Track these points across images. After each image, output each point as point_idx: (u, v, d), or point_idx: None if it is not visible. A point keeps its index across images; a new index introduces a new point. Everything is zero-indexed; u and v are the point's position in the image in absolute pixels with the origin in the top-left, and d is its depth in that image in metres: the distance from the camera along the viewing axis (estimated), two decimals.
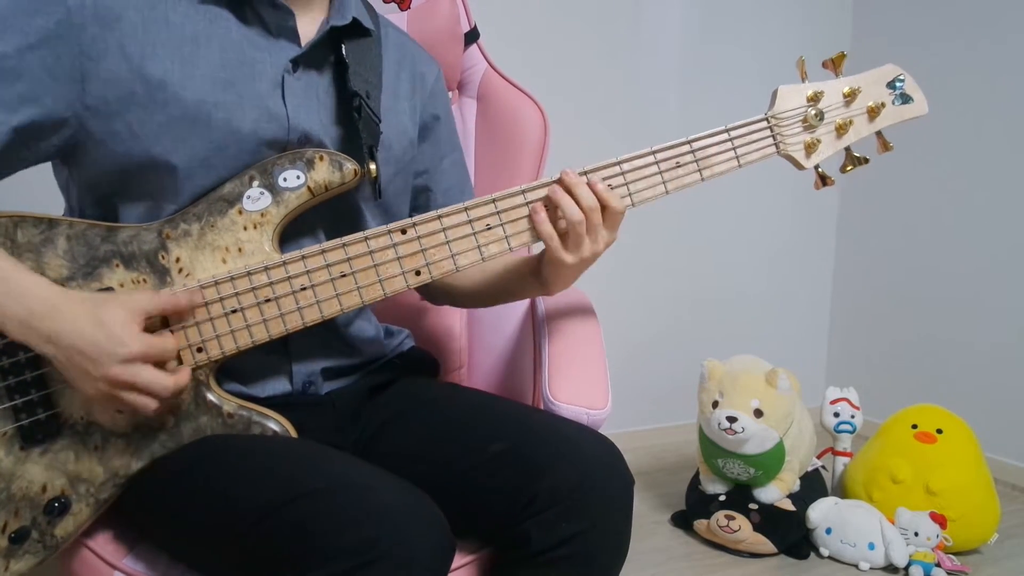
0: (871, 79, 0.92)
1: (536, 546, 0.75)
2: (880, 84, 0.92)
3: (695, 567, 1.67)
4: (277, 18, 0.83)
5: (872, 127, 0.93)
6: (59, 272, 0.76)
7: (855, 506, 1.71)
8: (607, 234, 0.84)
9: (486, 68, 1.27)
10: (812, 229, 2.63)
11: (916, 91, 0.93)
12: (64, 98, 0.75)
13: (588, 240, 0.83)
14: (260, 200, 0.79)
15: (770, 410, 1.65)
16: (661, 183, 0.87)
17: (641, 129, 2.25)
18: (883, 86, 0.93)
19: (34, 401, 0.74)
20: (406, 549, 0.64)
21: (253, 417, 0.79)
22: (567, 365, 0.96)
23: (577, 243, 0.83)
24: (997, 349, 2.17)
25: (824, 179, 0.93)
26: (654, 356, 2.38)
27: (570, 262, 0.84)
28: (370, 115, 0.85)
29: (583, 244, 0.83)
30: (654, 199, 0.87)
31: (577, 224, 0.81)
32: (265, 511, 0.68)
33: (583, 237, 0.82)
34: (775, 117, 0.90)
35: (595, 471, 0.77)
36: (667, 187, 0.87)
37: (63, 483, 0.75)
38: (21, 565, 0.75)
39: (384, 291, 0.81)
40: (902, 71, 0.93)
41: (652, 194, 0.87)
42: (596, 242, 0.84)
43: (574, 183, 0.82)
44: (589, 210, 0.82)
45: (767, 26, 2.43)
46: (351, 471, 0.72)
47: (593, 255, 0.84)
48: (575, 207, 0.82)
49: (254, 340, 0.79)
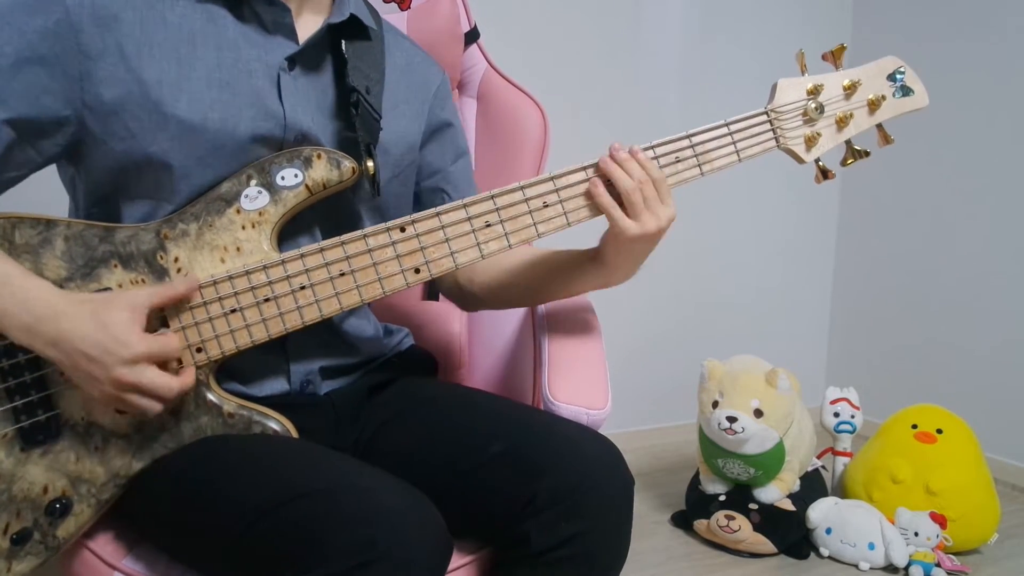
0: (871, 72, 0.92)
1: (536, 546, 0.75)
2: (880, 77, 0.92)
3: (695, 567, 1.67)
4: (274, 15, 0.82)
5: (872, 120, 0.92)
6: (57, 273, 0.76)
7: (855, 506, 1.71)
8: (664, 208, 0.84)
9: (486, 68, 1.27)
10: (812, 229, 2.63)
11: (916, 83, 0.93)
12: (63, 97, 0.75)
13: (647, 212, 0.83)
14: (258, 199, 0.79)
15: (770, 410, 1.65)
16: None
17: (641, 128, 2.25)
18: (883, 79, 0.92)
19: (34, 402, 0.74)
20: (404, 550, 0.64)
21: (254, 417, 0.79)
22: (567, 365, 0.95)
23: (637, 212, 0.83)
24: (997, 349, 2.17)
25: (825, 173, 0.92)
26: (654, 356, 2.38)
27: (635, 232, 0.83)
28: (369, 111, 0.84)
29: (643, 214, 0.83)
30: None
31: (631, 192, 0.82)
32: (264, 511, 0.68)
33: (640, 205, 0.83)
34: (775, 111, 0.89)
35: (595, 471, 0.77)
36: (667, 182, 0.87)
37: (64, 484, 0.75)
38: (23, 566, 0.75)
39: (383, 290, 0.81)
40: (902, 63, 0.92)
41: None
42: (658, 216, 0.84)
43: (623, 159, 0.83)
44: (642, 180, 0.83)
45: (767, 25, 2.43)
46: (350, 472, 0.72)
47: (658, 230, 0.84)
48: (626, 176, 0.82)
49: (253, 340, 0.79)
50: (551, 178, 0.84)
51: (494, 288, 0.99)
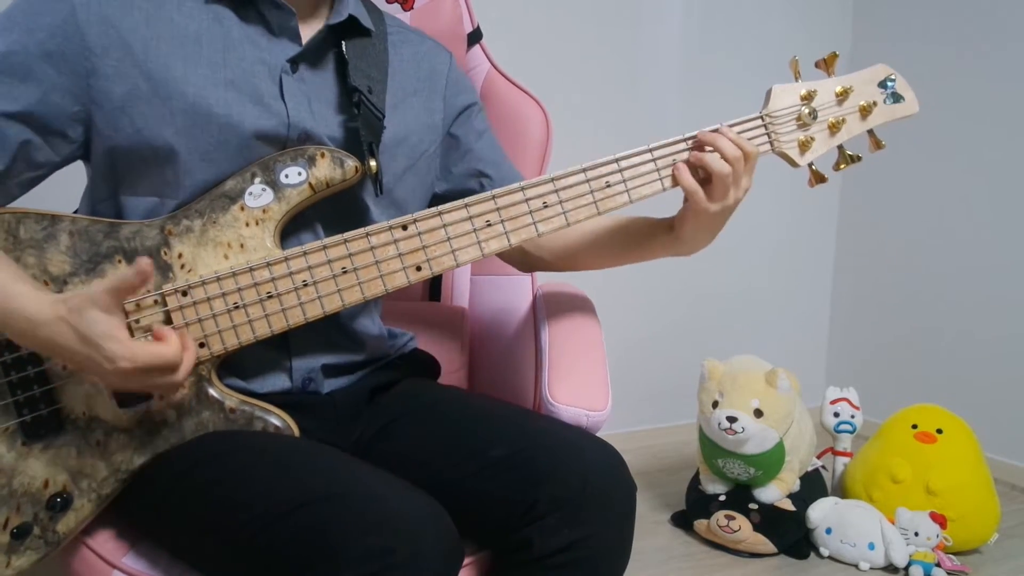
0: (863, 79, 0.94)
1: (538, 551, 0.75)
2: (872, 84, 0.94)
3: (695, 567, 1.67)
4: (279, 18, 0.83)
5: (864, 125, 0.94)
6: (61, 268, 0.76)
7: (855, 506, 1.71)
8: (747, 180, 0.87)
9: (489, 68, 1.27)
10: (812, 229, 2.63)
11: (907, 90, 0.95)
12: (72, 94, 0.77)
13: (732, 189, 0.85)
14: (262, 196, 0.80)
15: (770, 410, 1.65)
16: (658, 179, 0.88)
17: (642, 128, 2.25)
18: (875, 85, 0.94)
19: (36, 397, 0.75)
20: (420, 559, 0.64)
21: (255, 413, 0.80)
22: (567, 366, 0.95)
23: (724, 193, 0.85)
24: (997, 349, 2.17)
25: (818, 177, 0.94)
26: (654, 356, 2.38)
27: (715, 210, 0.86)
28: (371, 111, 0.85)
29: (728, 193, 0.85)
30: (652, 195, 0.88)
31: (725, 176, 0.84)
32: (276, 515, 0.68)
33: (729, 188, 0.85)
34: (769, 115, 0.91)
35: (597, 477, 0.77)
36: (664, 184, 0.88)
37: (65, 479, 0.76)
38: (23, 561, 0.75)
39: (385, 286, 0.81)
40: (893, 71, 0.94)
41: (650, 191, 0.88)
42: (738, 189, 0.86)
43: (714, 138, 0.85)
44: (735, 160, 0.84)
45: (767, 25, 2.43)
46: (363, 476, 0.72)
47: (736, 202, 0.87)
48: (721, 160, 0.84)
49: (256, 335, 0.79)
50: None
51: (563, 253, 1.01)
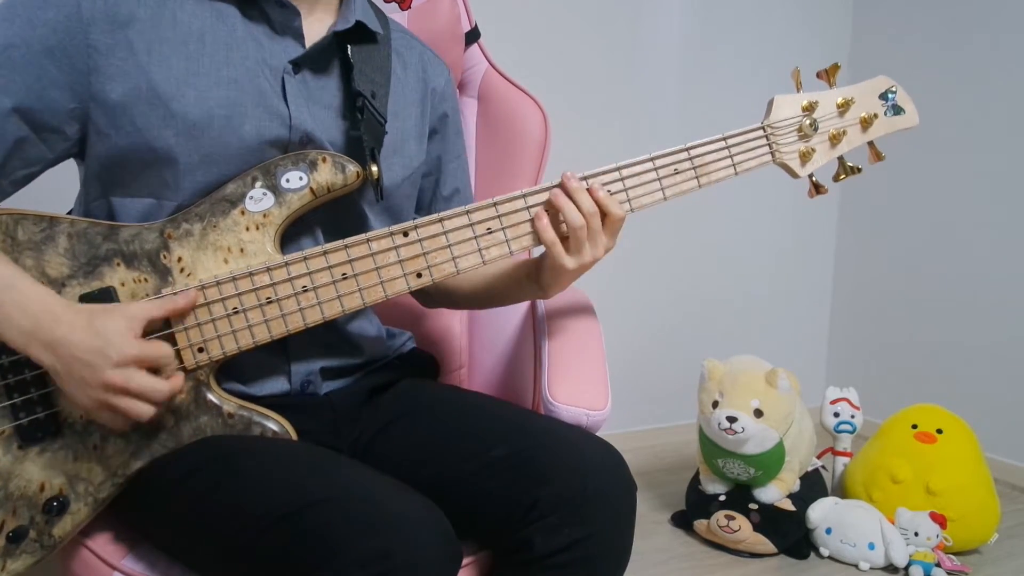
0: (864, 90, 0.93)
1: (538, 551, 0.75)
2: (873, 95, 0.94)
3: (695, 567, 1.67)
4: (283, 17, 0.83)
5: (865, 137, 0.94)
6: (60, 271, 0.76)
7: (855, 506, 1.71)
8: (607, 240, 0.84)
9: (487, 68, 1.27)
10: (812, 230, 2.63)
11: (908, 103, 0.95)
12: (70, 90, 0.76)
13: (589, 245, 0.83)
14: (263, 201, 0.79)
15: (770, 410, 1.65)
16: (659, 189, 0.87)
17: (641, 129, 2.25)
18: (875, 97, 0.94)
19: (33, 400, 0.74)
20: (418, 561, 0.64)
21: (253, 417, 0.79)
22: (567, 366, 0.95)
23: (579, 248, 0.83)
24: (997, 349, 2.17)
25: (818, 187, 0.94)
26: (654, 356, 2.38)
27: (571, 267, 0.83)
28: (374, 116, 0.84)
29: (584, 249, 0.83)
30: (652, 205, 0.88)
31: (578, 229, 0.81)
32: (275, 519, 0.67)
33: (584, 242, 0.82)
34: (771, 126, 0.90)
35: (597, 477, 0.77)
36: (665, 193, 0.87)
37: (61, 482, 0.75)
38: (18, 564, 0.74)
39: (385, 293, 0.81)
40: (894, 83, 0.94)
41: (650, 200, 0.87)
42: (596, 247, 0.84)
43: (575, 189, 0.82)
44: (589, 215, 0.82)
45: (767, 26, 2.43)
46: (361, 479, 0.72)
47: (593, 260, 0.84)
48: (576, 212, 0.81)
49: (255, 340, 0.79)
50: (555, 187, 0.84)
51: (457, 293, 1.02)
